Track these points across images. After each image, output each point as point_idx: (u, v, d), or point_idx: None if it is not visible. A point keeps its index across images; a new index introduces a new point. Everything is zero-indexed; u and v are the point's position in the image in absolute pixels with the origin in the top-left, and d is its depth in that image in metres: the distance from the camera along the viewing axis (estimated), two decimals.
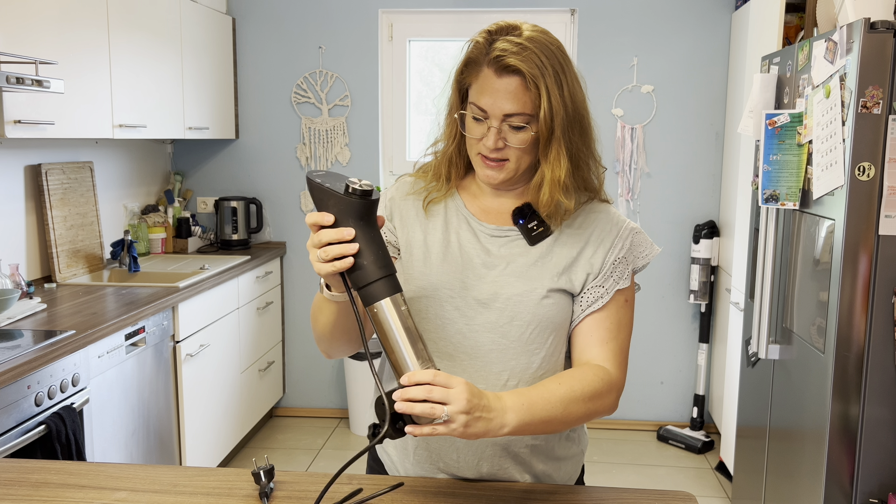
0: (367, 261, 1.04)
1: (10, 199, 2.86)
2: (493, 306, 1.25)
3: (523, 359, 1.26)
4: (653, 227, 3.96)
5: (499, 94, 1.19)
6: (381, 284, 1.05)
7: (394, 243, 1.32)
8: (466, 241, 1.29)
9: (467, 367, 1.26)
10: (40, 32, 2.45)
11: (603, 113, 3.91)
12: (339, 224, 1.04)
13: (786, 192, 2.38)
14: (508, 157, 1.23)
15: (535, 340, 1.26)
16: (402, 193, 1.36)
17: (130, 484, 1.29)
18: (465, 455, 1.28)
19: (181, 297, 2.88)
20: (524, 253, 1.28)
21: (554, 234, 1.29)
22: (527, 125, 1.21)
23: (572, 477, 1.40)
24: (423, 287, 1.27)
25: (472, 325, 1.25)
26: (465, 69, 1.25)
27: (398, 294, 1.06)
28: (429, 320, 1.27)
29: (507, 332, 1.25)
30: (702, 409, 3.94)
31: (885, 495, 2.12)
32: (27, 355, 2.03)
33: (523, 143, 1.22)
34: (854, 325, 2.09)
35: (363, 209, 1.04)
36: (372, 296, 1.05)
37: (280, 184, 4.12)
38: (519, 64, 1.17)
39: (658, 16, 3.83)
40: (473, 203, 1.33)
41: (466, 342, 1.26)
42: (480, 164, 1.26)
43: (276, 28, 4.02)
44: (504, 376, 1.26)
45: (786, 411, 2.48)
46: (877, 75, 2.00)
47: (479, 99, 1.22)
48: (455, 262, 1.27)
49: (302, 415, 4.22)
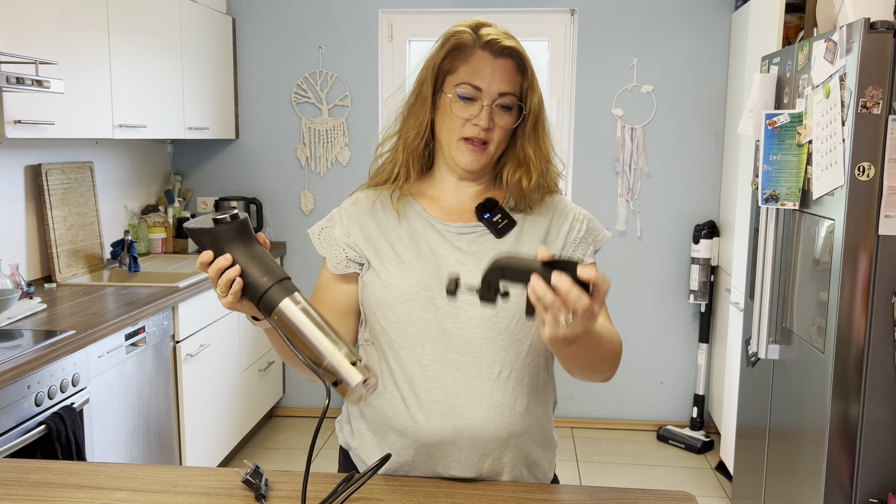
0: (253, 276, 1.07)
1: (10, 199, 2.86)
2: (476, 301, 1.25)
3: (512, 349, 1.27)
4: (653, 227, 3.96)
5: (496, 74, 1.26)
6: (274, 290, 1.07)
7: (355, 258, 1.32)
8: (436, 244, 1.30)
9: (459, 364, 1.26)
10: (40, 32, 2.45)
11: (603, 113, 3.91)
12: (217, 256, 1.09)
13: (786, 192, 2.38)
14: (490, 140, 1.28)
15: (521, 329, 1.27)
16: (358, 209, 1.36)
17: (130, 484, 1.29)
18: (468, 455, 1.28)
19: (181, 297, 2.88)
20: (494, 247, 1.30)
21: (518, 224, 1.32)
22: (512, 109, 1.28)
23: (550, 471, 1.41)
24: (403, 292, 1.27)
25: (459, 321, 1.26)
26: (449, 56, 1.29)
27: (295, 293, 1.08)
28: (413, 324, 1.27)
29: (493, 324, 1.26)
30: (702, 409, 3.94)
31: (885, 495, 2.12)
32: (27, 355, 2.04)
33: (510, 124, 1.28)
34: (854, 325, 2.09)
35: (232, 233, 1.08)
36: (270, 303, 1.07)
37: (280, 184, 4.12)
38: (516, 46, 1.27)
39: (658, 16, 3.83)
40: (433, 207, 1.34)
41: (455, 340, 1.26)
42: (463, 149, 1.28)
43: (276, 28, 4.02)
44: (496, 368, 1.26)
45: (786, 411, 2.48)
46: (877, 75, 2.00)
47: (472, 79, 1.26)
48: (430, 264, 1.28)
49: (302, 415, 4.22)
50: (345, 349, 1.05)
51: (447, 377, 1.26)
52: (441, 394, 1.26)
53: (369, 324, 1.34)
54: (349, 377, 1.03)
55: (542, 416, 1.35)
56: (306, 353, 1.05)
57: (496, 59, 1.26)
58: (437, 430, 1.26)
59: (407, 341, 1.27)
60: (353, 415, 1.39)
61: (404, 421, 1.28)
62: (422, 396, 1.27)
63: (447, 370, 1.26)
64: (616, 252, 3.99)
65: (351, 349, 1.06)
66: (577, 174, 3.96)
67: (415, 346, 1.27)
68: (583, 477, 3.47)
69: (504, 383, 1.27)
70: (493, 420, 1.27)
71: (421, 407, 1.27)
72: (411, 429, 1.28)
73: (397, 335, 1.28)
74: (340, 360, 1.04)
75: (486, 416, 1.26)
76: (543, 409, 1.35)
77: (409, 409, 1.28)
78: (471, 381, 1.26)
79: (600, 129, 3.93)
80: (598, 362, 1.21)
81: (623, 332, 4.04)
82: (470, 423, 1.26)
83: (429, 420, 1.26)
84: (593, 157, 3.94)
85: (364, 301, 1.33)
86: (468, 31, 1.28)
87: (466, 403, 1.26)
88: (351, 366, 1.03)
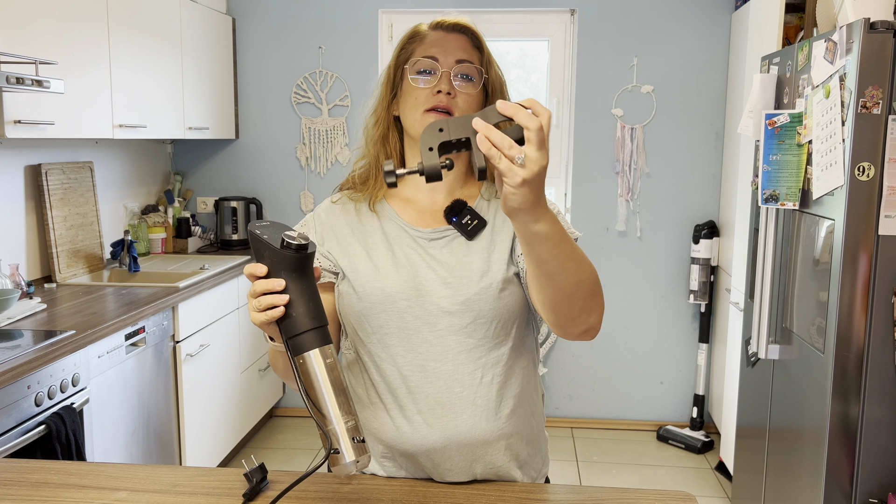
0: (298, 312, 1.06)
1: (10, 199, 2.86)
2: (453, 310, 1.24)
3: (493, 354, 1.26)
4: (653, 227, 3.96)
5: (450, 44, 1.28)
6: (310, 336, 1.06)
7: (330, 268, 1.31)
8: (410, 250, 1.29)
9: (441, 373, 1.25)
10: (40, 32, 2.45)
11: (603, 113, 3.91)
12: (272, 275, 1.07)
13: (786, 192, 2.38)
14: (455, 110, 1.27)
15: (500, 333, 1.26)
16: (331, 214, 1.36)
17: (130, 484, 1.29)
18: (458, 462, 1.28)
19: (181, 297, 2.88)
20: (467, 252, 1.28)
21: (489, 224, 1.30)
22: (473, 79, 1.28)
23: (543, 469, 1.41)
24: (379, 301, 1.25)
25: (436, 330, 1.24)
26: (405, 46, 1.32)
27: (327, 346, 1.07)
28: (391, 335, 1.25)
29: (472, 331, 1.24)
30: (702, 409, 3.94)
31: (885, 495, 2.12)
32: (27, 355, 2.04)
33: (471, 91, 1.28)
34: (854, 325, 2.09)
35: (295, 262, 1.06)
36: (300, 346, 1.06)
37: (280, 184, 4.12)
38: (468, 23, 1.30)
39: (658, 16, 3.83)
40: (406, 210, 1.33)
41: (434, 349, 1.25)
42: (426, 120, 1.27)
43: (276, 28, 4.02)
44: (478, 374, 1.25)
45: (786, 411, 2.48)
46: (876, 75, 2.00)
47: (427, 51, 1.28)
48: (406, 272, 1.27)
49: (302, 415, 4.22)
50: (352, 423, 1.04)
51: (429, 387, 1.25)
52: (425, 404, 1.25)
53: (349, 334, 1.33)
54: (345, 452, 1.03)
55: (530, 415, 1.34)
56: (315, 408, 1.05)
57: (449, 33, 1.30)
58: (425, 440, 1.25)
59: (387, 352, 1.26)
60: None
61: (391, 433, 1.27)
62: (406, 408, 1.26)
63: (429, 379, 1.25)
64: (616, 252, 3.99)
65: (358, 425, 1.05)
66: (577, 174, 3.96)
67: (395, 357, 1.26)
68: (583, 477, 3.47)
69: (487, 388, 1.26)
70: (480, 425, 1.25)
71: (406, 418, 1.26)
72: (399, 440, 1.27)
73: (376, 346, 1.27)
74: (343, 433, 1.03)
75: (472, 422, 1.25)
76: (530, 407, 1.34)
77: (395, 421, 1.27)
78: (453, 388, 1.24)
79: (600, 129, 3.93)
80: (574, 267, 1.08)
81: (623, 332, 4.05)
82: (457, 430, 1.25)
83: (415, 431, 1.25)
84: (593, 157, 3.94)
85: (341, 311, 1.31)
86: (423, 24, 1.33)
87: (451, 412, 1.25)
88: (350, 441, 1.03)
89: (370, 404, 1.30)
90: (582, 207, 3.98)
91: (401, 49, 1.32)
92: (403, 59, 1.31)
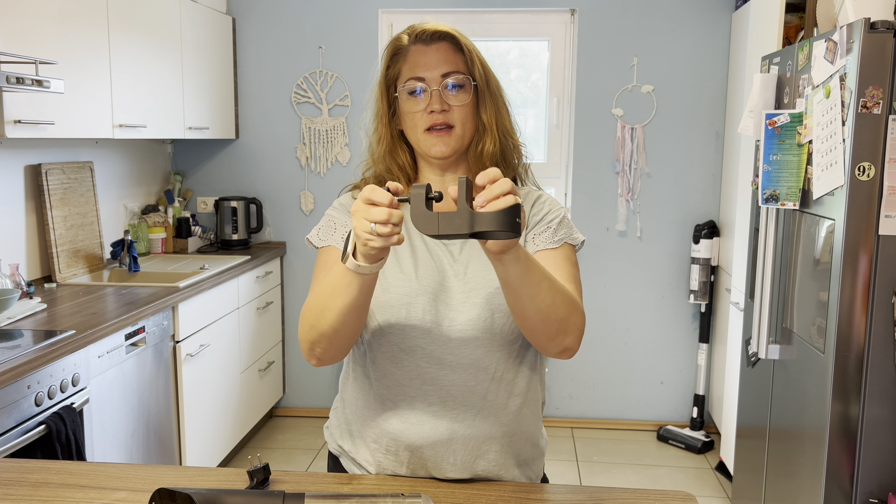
0: None
1: (10, 199, 2.86)
2: (474, 303, 1.26)
3: (505, 349, 1.28)
4: (653, 227, 3.96)
5: (432, 59, 1.29)
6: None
7: None
8: (430, 243, 1.31)
9: (456, 367, 1.26)
10: (40, 32, 2.45)
11: (603, 113, 3.91)
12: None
13: (786, 192, 2.38)
14: (453, 122, 1.28)
15: (515, 329, 1.27)
16: (346, 211, 1.36)
17: (130, 484, 1.29)
18: (462, 456, 1.28)
19: (181, 297, 2.88)
20: (482, 254, 1.29)
21: None
22: (464, 86, 1.29)
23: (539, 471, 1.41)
24: (406, 293, 1.27)
25: (455, 324, 1.26)
26: (391, 64, 1.32)
27: None
28: (414, 326, 1.27)
29: (490, 325, 1.26)
30: (702, 409, 3.94)
31: (885, 495, 2.12)
32: (27, 355, 2.03)
33: (464, 100, 1.29)
34: (854, 325, 2.09)
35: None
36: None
37: (280, 184, 4.12)
38: (445, 29, 1.31)
39: (658, 16, 3.83)
40: None
41: (452, 343, 1.26)
42: (428, 139, 1.29)
43: (276, 28, 4.02)
44: (492, 369, 1.27)
45: (786, 411, 2.48)
46: (877, 75, 2.00)
47: (413, 72, 1.29)
48: (429, 266, 1.29)
49: (302, 415, 4.22)
50: None
51: (444, 380, 1.26)
52: (437, 396, 1.26)
53: (368, 324, 1.33)
54: None
55: (533, 416, 1.35)
56: None
57: (429, 45, 1.30)
58: (432, 432, 1.26)
59: (406, 343, 1.27)
60: (343, 418, 1.39)
61: (397, 425, 1.28)
62: (416, 399, 1.27)
63: (444, 372, 1.26)
64: (616, 252, 3.99)
65: None
66: (577, 174, 3.96)
67: (414, 349, 1.27)
68: (583, 477, 3.47)
69: (498, 384, 1.28)
70: (488, 420, 1.27)
71: (414, 409, 1.27)
72: (405, 432, 1.28)
73: (397, 337, 1.28)
74: None
75: (481, 416, 1.27)
76: (534, 408, 1.35)
77: (403, 414, 1.28)
78: (467, 382, 1.26)
79: (600, 129, 3.92)
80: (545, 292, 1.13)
81: (623, 332, 4.05)
82: (465, 424, 1.26)
83: (423, 423, 1.26)
84: (593, 157, 3.94)
85: None
86: (403, 34, 1.33)
87: (462, 405, 1.26)
88: None
89: (377, 398, 1.30)
90: (582, 207, 3.98)
91: (386, 67, 1.33)
92: (393, 77, 1.32)
